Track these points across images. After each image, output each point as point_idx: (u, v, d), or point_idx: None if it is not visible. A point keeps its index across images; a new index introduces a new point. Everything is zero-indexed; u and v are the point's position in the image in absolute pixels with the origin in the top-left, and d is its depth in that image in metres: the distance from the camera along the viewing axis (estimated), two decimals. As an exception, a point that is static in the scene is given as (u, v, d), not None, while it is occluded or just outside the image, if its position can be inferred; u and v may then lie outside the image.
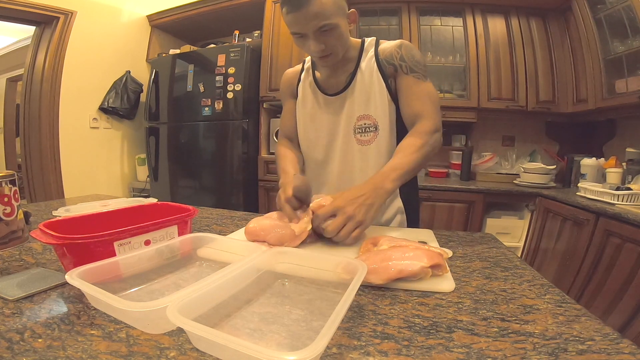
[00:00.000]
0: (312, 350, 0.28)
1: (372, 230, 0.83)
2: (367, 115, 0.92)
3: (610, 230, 1.47)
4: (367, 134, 0.93)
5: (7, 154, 4.66)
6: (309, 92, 1.00)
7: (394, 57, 0.90)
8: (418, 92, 0.89)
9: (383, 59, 0.91)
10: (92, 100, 2.75)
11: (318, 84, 0.99)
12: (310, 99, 1.00)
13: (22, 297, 0.46)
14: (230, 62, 2.40)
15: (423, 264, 0.53)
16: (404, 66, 0.89)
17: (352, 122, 0.94)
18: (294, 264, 0.54)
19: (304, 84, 1.02)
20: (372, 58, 0.92)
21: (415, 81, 0.89)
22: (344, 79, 0.95)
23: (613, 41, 1.91)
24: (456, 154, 2.58)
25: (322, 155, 1.00)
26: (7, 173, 0.62)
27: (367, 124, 0.93)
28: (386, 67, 0.91)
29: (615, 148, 2.22)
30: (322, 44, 0.82)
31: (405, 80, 0.89)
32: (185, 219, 0.66)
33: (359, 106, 0.93)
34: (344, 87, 0.94)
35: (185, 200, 0.94)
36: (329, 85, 0.97)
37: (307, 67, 1.03)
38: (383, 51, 0.92)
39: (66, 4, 2.44)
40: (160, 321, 0.38)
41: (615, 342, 0.39)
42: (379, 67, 0.91)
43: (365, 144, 0.94)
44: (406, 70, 0.89)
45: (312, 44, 0.81)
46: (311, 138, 1.02)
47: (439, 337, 0.40)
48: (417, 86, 0.89)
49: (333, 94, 0.96)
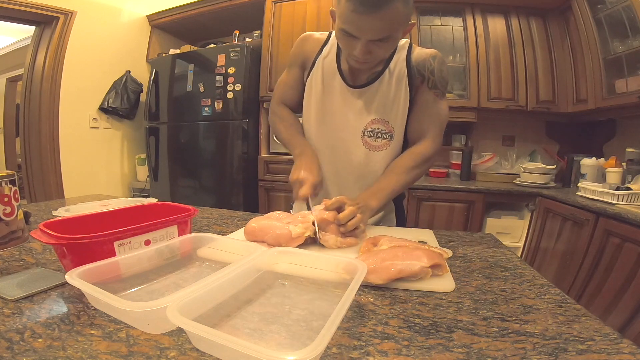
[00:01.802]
0: (312, 350, 0.28)
1: (373, 230, 0.83)
2: (384, 120, 0.87)
3: (610, 230, 1.47)
4: (379, 139, 0.88)
5: (7, 154, 4.66)
6: (328, 72, 0.90)
7: (427, 67, 0.84)
8: (432, 110, 0.87)
9: (415, 65, 0.85)
10: (92, 100, 2.75)
11: (340, 68, 0.89)
12: (327, 82, 0.90)
13: (22, 297, 0.46)
14: (230, 62, 2.40)
15: (423, 264, 0.53)
16: (430, 80, 0.85)
17: (364, 122, 0.88)
18: (294, 264, 0.54)
19: (325, 60, 0.90)
20: (404, 62, 0.85)
21: (434, 98, 0.86)
22: (367, 75, 0.87)
23: (613, 41, 1.91)
24: (456, 154, 2.58)
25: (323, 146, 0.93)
26: (7, 173, 0.62)
27: (382, 129, 0.87)
28: (416, 76, 0.85)
29: (615, 148, 2.22)
30: (370, 54, 0.73)
31: (425, 94, 0.86)
32: (185, 219, 0.66)
33: (377, 108, 0.87)
34: (367, 83, 0.86)
35: (185, 200, 0.94)
36: (351, 75, 0.88)
37: (333, 42, 0.91)
38: (417, 58, 0.85)
39: (66, 4, 2.44)
40: (160, 321, 0.38)
41: (615, 342, 0.39)
42: (409, 73, 0.85)
43: (375, 150, 0.88)
44: (431, 84, 0.85)
45: (360, 50, 0.72)
46: (318, 123, 0.93)
47: (439, 337, 0.40)
48: (434, 104, 0.86)
49: (354, 86, 0.88)
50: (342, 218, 0.71)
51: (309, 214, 0.74)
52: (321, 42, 0.92)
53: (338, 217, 0.72)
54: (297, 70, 0.96)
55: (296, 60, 0.96)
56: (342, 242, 0.71)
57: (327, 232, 0.72)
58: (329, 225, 0.73)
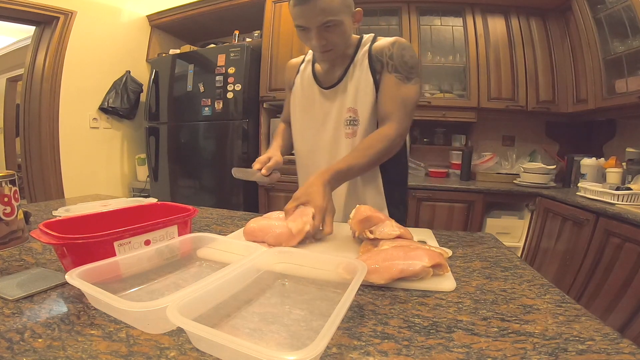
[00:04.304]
0: (312, 350, 0.28)
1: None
2: (353, 108, 0.95)
3: (610, 230, 1.47)
4: (351, 127, 0.96)
5: (7, 154, 4.66)
6: (306, 83, 1.03)
7: (385, 53, 0.91)
8: (395, 93, 0.89)
9: (374, 54, 0.92)
10: (92, 100, 2.75)
11: (316, 77, 1.01)
12: (306, 91, 1.03)
13: (22, 297, 0.46)
14: (230, 62, 2.40)
15: (424, 264, 0.53)
16: (390, 64, 0.90)
17: (343, 114, 0.96)
18: (294, 264, 0.54)
19: (302, 75, 1.05)
20: (366, 53, 0.93)
21: (395, 82, 0.89)
22: (339, 73, 0.97)
23: (613, 41, 1.91)
24: (456, 154, 2.58)
25: (310, 146, 1.03)
26: (7, 173, 0.62)
27: (352, 117, 0.95)
28: (375, 62, 0.92)
29: (615, 148, 2.22)
30: (324, 40, 0.84)
31: (387, 79, 0.90)
32: (185, 219, 0.66)
33: (348, 99, 0.95)
34: (338, 81, 0.97)
35: (185, 200, 0.94)
36: (326, 79, 1.00)
37: (308, 59, 1.06)
38: (376, 47, 0.93)
39: (66, 4, 2.44)
40: (160, 321, 0.38)
41: (615, 342, 0.39)
42: (369, 61, 0.92)
43: (351, 137, 0.96)
44: (391, 69, 0.90)
45: (315, 38, 0.84)
46: (302, 128, 1.05)
47: (439, 337, 0.40)
48: (396, 87, 0.89)
49: (328, 87, 0.99)
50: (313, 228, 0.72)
51: (307, 209, 0.73)
52: (298, 63, 1.09)
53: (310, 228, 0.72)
54: (289, 93, 1.12)
55: (286, 86, 1.15)
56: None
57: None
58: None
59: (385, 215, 0.71)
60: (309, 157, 1.05)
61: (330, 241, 0.75)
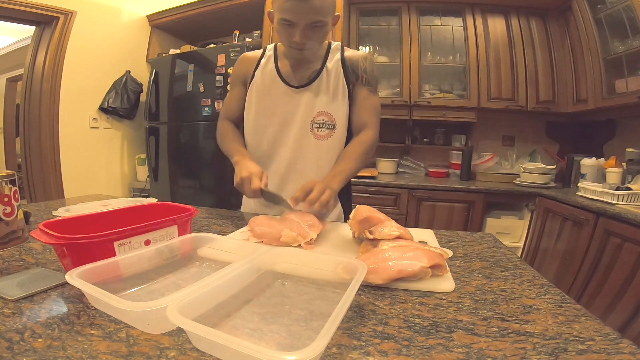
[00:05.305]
0: (312, 350, 0.28)
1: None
2: (327, 113, 0.99)
3: (610, 230, 1.47)
4: (323, 129, 0.99)
5: (7, 154, 4.66)
6: (268, 79, 1.01)
7: (360, 67, 0.99)
8: (369, 104, 1.00)
9: (349, 65, 0.99)
10: (92, 100, 2.75)
11: (280, 73, 1.01)
12: (268, 87, 1.01)
13: (22, 297, 0.46)
14: (230, 62, 2.40)
15: (423, 264, 0.53)
16: (364, 78, 0.99)
17: (311, 116, 0.99)
18: (294, 264, 0.54)
19: (263, 70, 1.02)
20: (339, 62, 0.99)
21: (368, 94, 1.00)
22: (308, 74, 0.99)
23: (613, 41, 1.91)
24: (456, 154, 2.58)
25: (270, 143, 1.03)
26: (7, 173, 0.62)
27: (325, 120, 0.99)
28: (351, 73, 0.99)
29: (615, 148, 2.22)
30: (307, 38, 0.86)
31: (361, 91, 1.00)
32: (185, 219, 0.66)
33: (320, 102, 0.98)
34: (309, 82, 0.99)
35: (185, 200, 0.94)
36: (291, 78, 1.00)
37: (269, 54, 1.04)
38: (350, 58, 0.99)
39: (66, 4, 2.44)
40: (160, 321, 0.38)
41: (615, 342, 0.39)
42: (344, 71, 0.98)
43: (321, 139, 0.99)
44: (365, 82, 0.99)
45: (299, 35, 0.85)
46: (261, 125, 1.03)
47: (439, 337, 0.40)
48: (369, 99, 1.00)
49: (296, 86, 0.99)
50: (312, 198, 0.79)
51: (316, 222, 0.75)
52: (257, 57, 1.05)
53: (309, 197, 0.79)
54: (239, 88, 1.08)
55: (237, 79, 1.08)
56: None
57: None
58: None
59: (385, 215, 0.72)
60: (267, 155, 1.04)
61: (330, 241, 0.75)
